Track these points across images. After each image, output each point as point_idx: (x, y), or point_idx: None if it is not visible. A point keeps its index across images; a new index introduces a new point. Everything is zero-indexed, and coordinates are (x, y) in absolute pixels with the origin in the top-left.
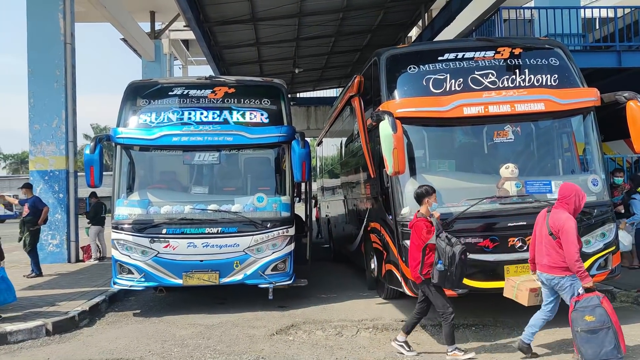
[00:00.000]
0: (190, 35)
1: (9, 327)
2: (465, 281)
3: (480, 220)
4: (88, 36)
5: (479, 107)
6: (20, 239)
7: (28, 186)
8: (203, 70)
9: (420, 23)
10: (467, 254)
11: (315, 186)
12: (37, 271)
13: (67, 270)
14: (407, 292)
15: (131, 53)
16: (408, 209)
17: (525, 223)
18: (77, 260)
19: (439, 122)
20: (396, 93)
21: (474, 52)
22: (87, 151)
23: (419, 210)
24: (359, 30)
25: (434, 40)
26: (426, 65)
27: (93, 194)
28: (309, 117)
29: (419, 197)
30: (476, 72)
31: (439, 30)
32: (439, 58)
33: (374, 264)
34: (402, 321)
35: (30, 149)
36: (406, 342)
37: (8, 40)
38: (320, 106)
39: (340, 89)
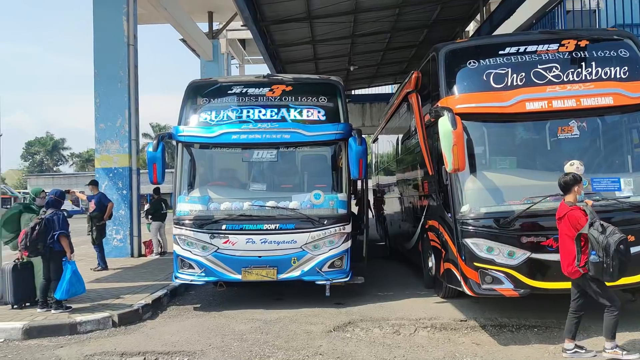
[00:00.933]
0: (247, 34)
1: (78, 317)
2: (527, 281)
3: (543, 219)
4: (148, 38)
5: (542, 102)
6: (89, 233)
7: (94, 183)
8: (259, 69)
9: (478, 17)
10: (627, 243)
11: (370, 183)
12: (103, 264)
13: (131, 264)
14: (467, 291)
15: (189, 53)
16: (468, 207)
17: None
18: (140, 255)
19: (500, 118)
20: (455, 88)
21: (536, 46)
22: (150, 149)
23: (564, 199)
24: (415, 26)
25: (493, 34)
26: (486, 60)
27: (156, 190)
28: (364, 114)
29: (567, 186)
30: (539, 66)
31: (498, 23)
32: (500, 52)
33: (431, 263)
34: (462, 321)
35: (95, 147)
36: (579, 346)
37: (74, 43)
38: (375, 103)
39: (396, 86)
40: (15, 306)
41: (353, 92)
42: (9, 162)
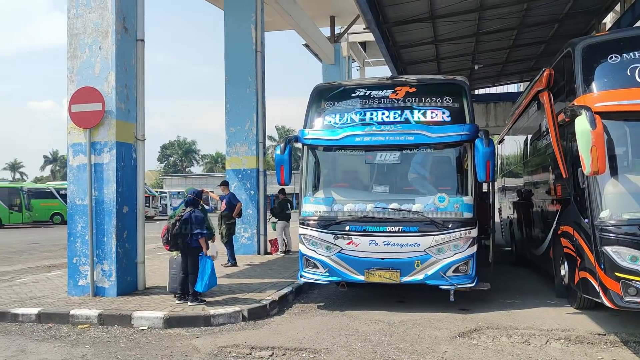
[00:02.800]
0: (367, 37)
1: (212, 310)
2: None
3: None
4: (271, 44)
5: None
6: (220, 232)
7: (225, 184)
8: (379, 71)
9: (617, 7)
10: None
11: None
12: (232, 261)
13: (257, 261)
14: (607, 303)
15: (312, 58)
16: (608, 212)
17: None
18: (266, 253)
19: None
20: (594, 86)
21: None
22: (278, 151)
23: None
24: (544, 21)
25: (635, 25)
26: (630, 54)
27: (281, 191)
28: (488, 114)
29: None
30: None
31: None
32: None
33: (564, 271)
34: (600, 334)
35: (226, 150)
36: None
37: (205, 54)
38: (500, 102)
39: (522, 84)
40: (176, 295)
41: (476, 92)
42: (147, 163)
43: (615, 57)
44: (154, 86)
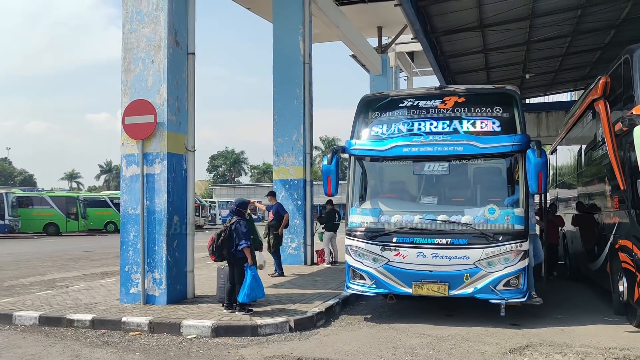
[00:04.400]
0: (415, 47)
1: (259, 320)
2: None
3: None
4: (318, 55)
5: None
6: (266, 241)
7: (273, 194)
8: (427, 81)
9: None
10: None
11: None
12: (279, 271)
13: (304, 272)
14: None
15: (359, 68)
16: None
17: None
18: (312, 263)
19: None
20: None
21: None
22: (325, 162)
23: None
24: (600, 27)
25: None
26: None
27: (329, 202)
28: (540, 123)
29: None
30: None
31: None
32: None
33: (622, 286)
34: None
35: (274, 160)
36: None
37: (254, 65)
38: (552, 112)
39: (576, 93)
40: (224, 304)
41: (527, 101)
42: (197, 173)
43: None
44: (204, 97)
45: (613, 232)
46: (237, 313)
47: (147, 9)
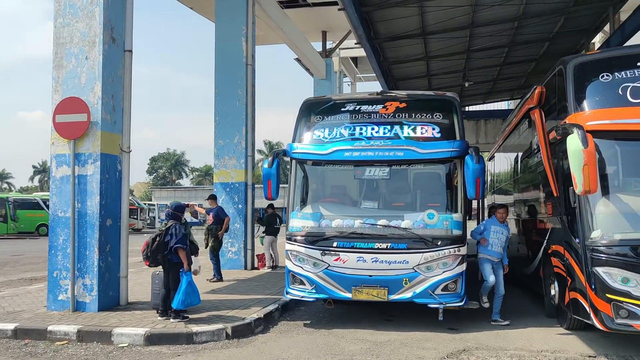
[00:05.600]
0: (358, 52)
1: (195, 327)
2: None
3: None
4: (262, 57)
5: None
6: (206, 245)
7: (213, 197)
8: (370, 86)
9: (607, 27)
10: None
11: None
12: (218, 276)
13: (244, 276)
14: (598, 325)
15: (303, 72)
16: (600, 232)
17: None
18: (253, 268)
19: (638, 136)
20: (586, 104)
21: None
22: (266, 165)
23: None
24: (535, 39)
25: (624, 45)
26: (623, 73)
27: (270, 205)
28: (478, 131)
29: None
30: None
31: (631, 33)
32: (639, 64)
33: (554, 290)
34: (590, 357)
35: (214, 163)
36: None
37: (196, 65)
38: (490, 119)
39: (513, 102)
40: (159, 311)
41: (467, 109)
42: (137, 175)
43: (607, 75)
44: (146, 98)
45: (546, 238)
46: (171, 320)
47: (81, 2)
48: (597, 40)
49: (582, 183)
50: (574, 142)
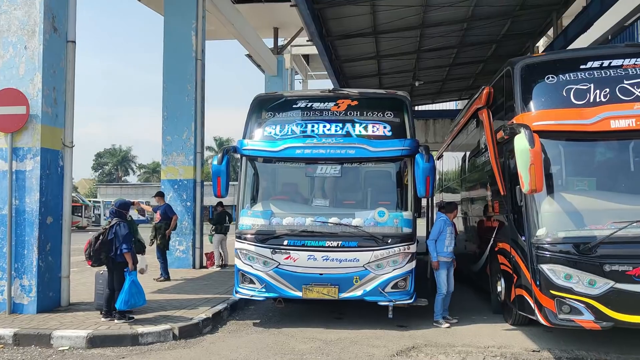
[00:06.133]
0: (311, 50)
1: (140, 329)
2: (610, 313)
3: (629, 246)
4: (213, 53)
5: (629, 120)
6: (151, 243)
7: (160, 194)
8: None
9: (550, 32)
10: None
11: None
12: (165, 275)
13: (192, 275)
14: (542, 321)
15: (255, 68)
16: (545, 230)
17: None
18: (201, 267)
19: (582, 136)
20: (532, 105)
21: (622, 60)
22: (215, 162)
23: None
24: (483, 41)
25: (568, 49)
26: (567, 75)
27: (219, 203)
28: (428, 130)
29: None
30: (625, 82)
31: (573, 38)
32: (582, 66)
33: (500, 287)
34: (534, 351)
35: (162, 159)
36: None
37: (145, 59)
38: (439, 119)
39: (460, 102)
40: (102, 312)
41: (417, 108)
42: (82, 171)
43: (552, 77)
44: (92, 91)
45: (493, 236)
46: (116, 321)
47: None
48: (541, 44)
49: (529, 182)
50: (521, 142)
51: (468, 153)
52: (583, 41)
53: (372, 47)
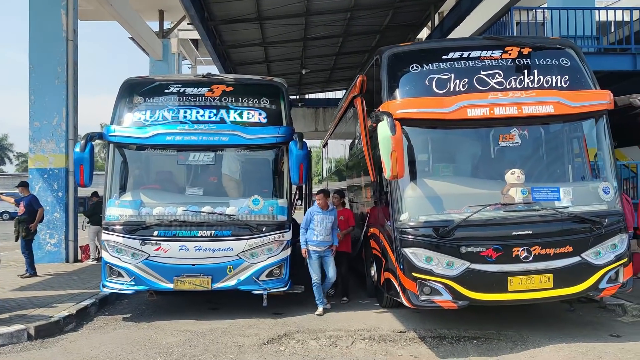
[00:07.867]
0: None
1: None
2: (466, 292)
3: (483, 229)
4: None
5: (484, 109)
6: (16, 238)
7: (24, 184)
8: (212, 69)
9: (430, 24)
10: None
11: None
12: (31, 271)
13: (63, 270)
14: (405, 302)
15: (140, 52)
16: (407, 215)
17: (531, 232)
18: (76, 260)
19: (442, 124)
20: (397, 93)
21: (480, 52)
22: (77, 149)
23: None
24: (367, 31)
25: (432, 39)
26: (429, 65)
27: (94, 193)
28: (317, 118)
29: None
30: (482, 72)
31: (448, 31)
32: (444, 57)
33: (373, 271)
34: (401, 332)
35: (30, 147)
36: None
37: (13, 35)
38: (328, 107)
39: None
40: None
41: (307, 96)
42: None
43: (417, 66)
44: None
45: (366, 221)
46: None
47: None
48: (424, 35)
49: (391, 168)
50: (383, 129)
51: (349, 141)
52: (460, 34)
53: (258, 34)
